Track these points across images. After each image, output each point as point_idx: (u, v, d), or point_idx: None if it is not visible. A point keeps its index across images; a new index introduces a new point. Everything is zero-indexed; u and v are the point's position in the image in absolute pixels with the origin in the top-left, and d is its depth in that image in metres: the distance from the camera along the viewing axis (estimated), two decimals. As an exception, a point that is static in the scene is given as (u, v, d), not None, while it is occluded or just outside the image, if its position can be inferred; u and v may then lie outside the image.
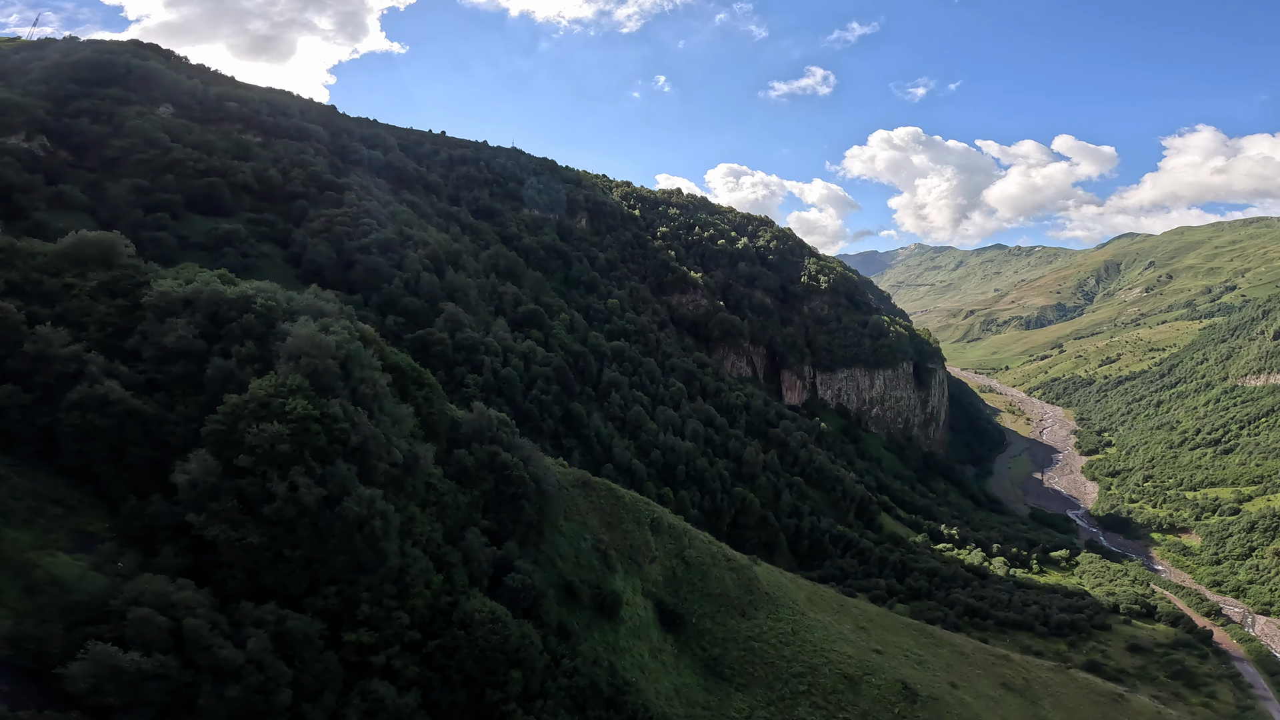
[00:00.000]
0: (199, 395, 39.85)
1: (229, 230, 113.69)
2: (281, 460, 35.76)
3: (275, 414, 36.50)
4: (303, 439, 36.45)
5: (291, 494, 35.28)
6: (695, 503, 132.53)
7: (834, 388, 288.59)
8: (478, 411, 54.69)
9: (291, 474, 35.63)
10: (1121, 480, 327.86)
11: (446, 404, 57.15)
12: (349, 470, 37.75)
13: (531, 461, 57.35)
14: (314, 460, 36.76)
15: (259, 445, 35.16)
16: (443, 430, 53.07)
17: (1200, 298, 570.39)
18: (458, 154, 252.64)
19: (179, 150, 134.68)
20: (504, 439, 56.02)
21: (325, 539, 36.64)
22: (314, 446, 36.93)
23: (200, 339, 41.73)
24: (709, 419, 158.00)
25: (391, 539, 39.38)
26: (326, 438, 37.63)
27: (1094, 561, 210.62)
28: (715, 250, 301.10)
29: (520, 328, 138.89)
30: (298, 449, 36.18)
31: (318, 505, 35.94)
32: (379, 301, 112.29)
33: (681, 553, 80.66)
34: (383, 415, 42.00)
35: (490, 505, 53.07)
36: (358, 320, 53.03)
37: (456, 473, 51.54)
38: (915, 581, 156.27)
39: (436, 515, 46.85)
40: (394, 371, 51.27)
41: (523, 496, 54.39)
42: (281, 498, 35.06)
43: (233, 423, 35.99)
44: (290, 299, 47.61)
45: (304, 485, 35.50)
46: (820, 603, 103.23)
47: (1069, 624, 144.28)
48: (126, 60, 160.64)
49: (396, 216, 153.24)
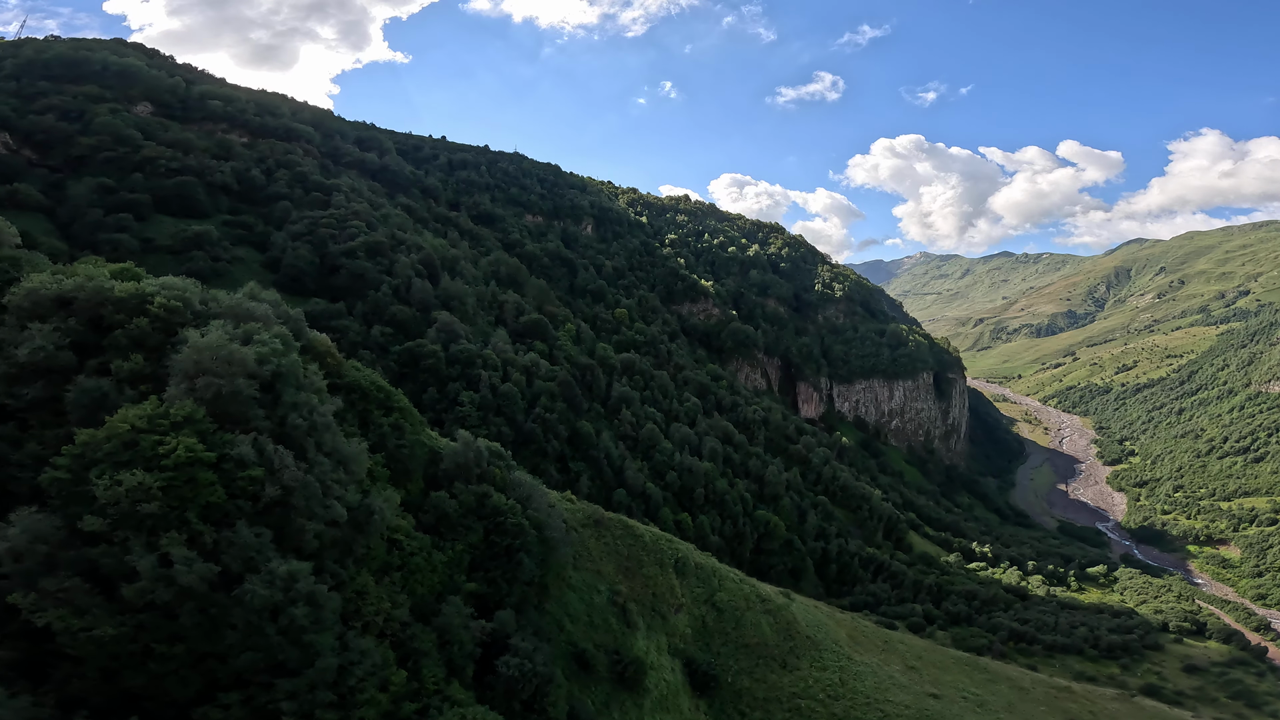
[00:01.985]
0: (63, 427, 28.17)
1: (199, 232, 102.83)
2: (150, 523, 24.10)
3: (144, 457, 24.82)
4: (184, 493, 24.82)
5: (162, 570, 23.64)
6: (716, 528, 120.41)
7: (852, 399, 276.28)
8: (462, 442, 42.93)
9: (164, 542, 23.97)
10: (1150, 491, 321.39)
11: (425, 432, 45.42)
12: (258, 536, 26.01)
13: (532, 503, 45.55)
14: (202, 522, 25.06)
15: (113, 502, 23.49)
16: (417, 468, 41.35)
17: (1214, 303, 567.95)
18: (458, 158, 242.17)
19: (151, 148, 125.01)
20: (496, 476, 44.28)
21: (221, 631, 24.99)
22: (204, 503, 25.23)
23: (71, 350, 30.07)
24: (727, 436, 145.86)
25: (326, 628, 27.56)
26: (226, 491, 25.92)
27: (1134, 577, 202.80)
28: (725, 258, 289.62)
29: (522, 339, 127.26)
30: (175, 507, 24.52)
31: (206, 586, 24.29)
32: (365, 310, 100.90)
33: (711, 597, 68.64)
34: (320, 457, 30.20)
35: (479, 562, 41.28)
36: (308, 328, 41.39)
37: (434, 522, 39.80)
38: (953, 606, 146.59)
39: (402, 583, 35.03)
40: (352, 393, 39.65)
41: (521, 549, 42.58)
42: (147, 576, 23.46)
43: (81, 469, 24.35)
44: (211, 299, 35.97)
45: (181, 559, 23.83)
46: (864, 641, 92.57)
47: (1120, 645, 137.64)
48: (103, 57, 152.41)
49: (389, 220, 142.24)
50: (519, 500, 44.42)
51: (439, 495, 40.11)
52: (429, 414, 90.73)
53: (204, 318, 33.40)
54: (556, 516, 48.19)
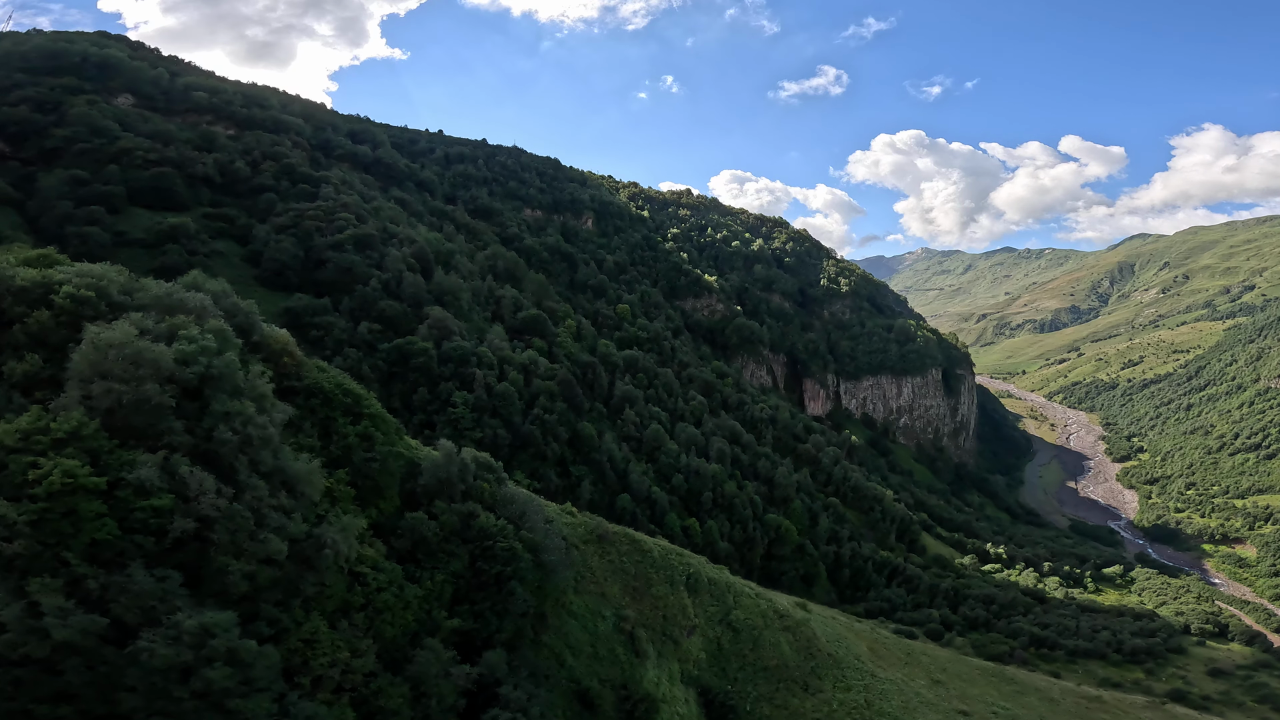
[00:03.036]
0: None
1: (175, 225, 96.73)
2: (18, 565, 18.28)
3: (11, 484, 18.94)
4: (61, 529, 18.95)
5: (32, 622, 17.88)
6: (725, 534, 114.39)
7: (859, 397, 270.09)
8: (444, 453, 36.93)
9: (31, 588, 18.16)
10: (1162, 488, 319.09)
11: (402, 441, 39.43)
12: (162, 580, 20.14)
13: (526, 521, 39.59)
14: (87, 564, 19.21)
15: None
16: (391, 484, 35.36)
17: (1219, 298, 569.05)
18: (455, 152, 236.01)
19: (128, 140, 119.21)
20: (484, 491, 38.32)
21: (116, 692, 19.23)
22: (88, 540, 19.36)
23: (-52, 349, 24.17)
24: (734, 436, 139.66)
25: (259, 689, 21.71)
26: (119, 525, 20.01)
27: (1151, 577, 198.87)
28: (729, 252, 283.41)
29: (520, 335, 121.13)
30: (49, 546, 18.66)
31: (95, 639, 18.52)
32: (352, 306, 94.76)
33: (726, 616, 62.67)
34: (255, 479, 24.22)
35: (464, 594, 35.38)
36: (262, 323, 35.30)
37: (409, 549, 33.83)
38: (971, 610, 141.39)
39: (366, 626, 29.11)
40: (313, 398, 33.64)
41: (514, 576, 36.61)
42: (14, 628, 17.74)
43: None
44: (138, 288, 29.97)
45: (53, 609, 18.05)
46: (886, 654, 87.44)
47: (1144, 650, 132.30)
48: (83, 48, 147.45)
49: (380, 213, 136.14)
50: (511, 519, 38.45)
51: (415, 517, 34.11)
52: (419, 416, 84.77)
53: (121, 310, 27.40)
54: (555, 536, 42.21)
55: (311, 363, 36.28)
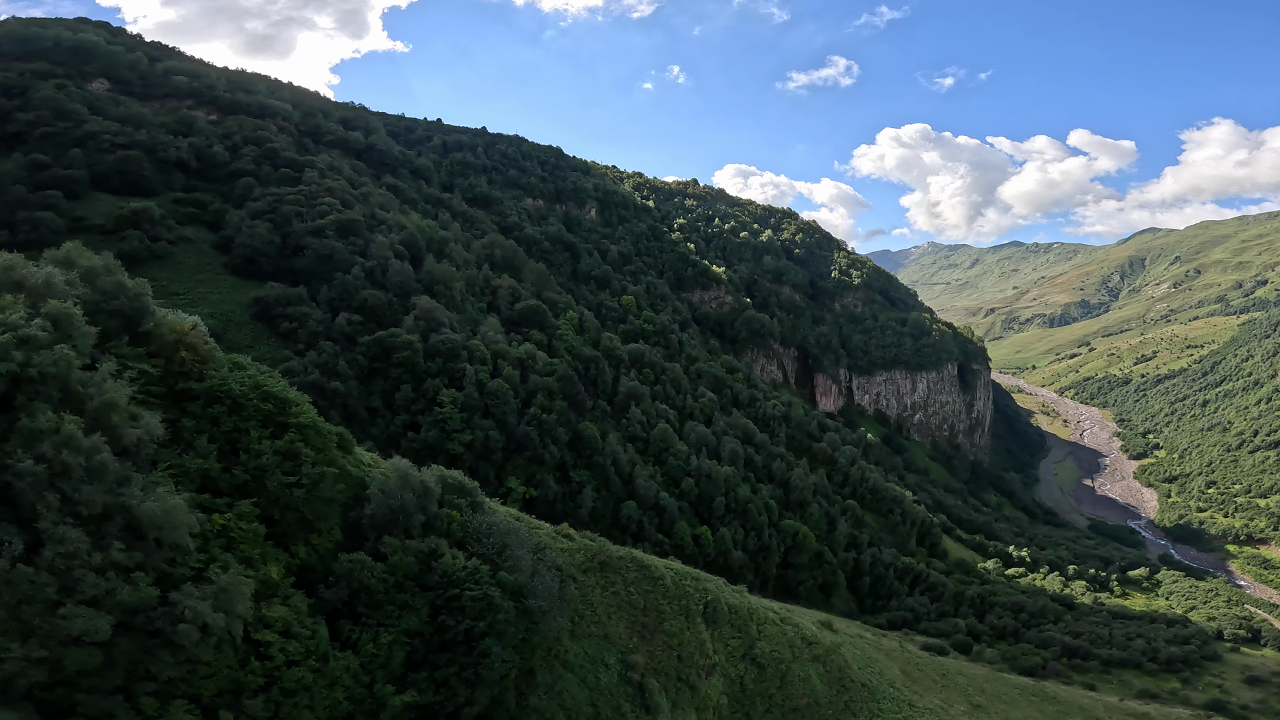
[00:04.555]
0: None
1: (138, 210, 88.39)
2: None
3: None
4: None
5: None
6: (738, 542, 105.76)
7: (872, 392, 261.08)
8: (397, 475, 28.41)
9: None
10: (1181, 486, 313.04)
11: (349, 458, 30.93)
12: None
13: (509, 555, 31.13)
14: None
15: None
16: (326, 515, 26.90)
17: (1232, 292, 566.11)
18: (453, 140, 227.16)
19: (96, 124, 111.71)
20: (452, 522, 29.82)
21: None
22: None
23: None
24: (747, 435, 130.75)
25: None
26: None
27: (1178, 580, 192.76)
28: (737, 243, 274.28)
29: (518, 328, 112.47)
30: None
31: None
32: (331, 296, 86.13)
33: (750, 650, 54.23)
34: (66, 530, 15.81)
35: (423, 657, 26.97)
36: (158, 308, 26.86)
37: (346, 600, 25.41)
38: (999, 619, 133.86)
39: (269, 716, 20.67)
40: (216, 404, 25.15)
41: (489, 632, 28.19)
42: None
43: None
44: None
45: None
46: (919, 676, 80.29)
47: (1180, 658, 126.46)
48: (56, 33, 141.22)
49: (369, 199, 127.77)
50: (487, 556, 30.01)
51: (353, 559, 25.70)
52: (402, 416, 76.27)
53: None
54: (546, 573, 33.77)
55: (224, 358, 27.84)
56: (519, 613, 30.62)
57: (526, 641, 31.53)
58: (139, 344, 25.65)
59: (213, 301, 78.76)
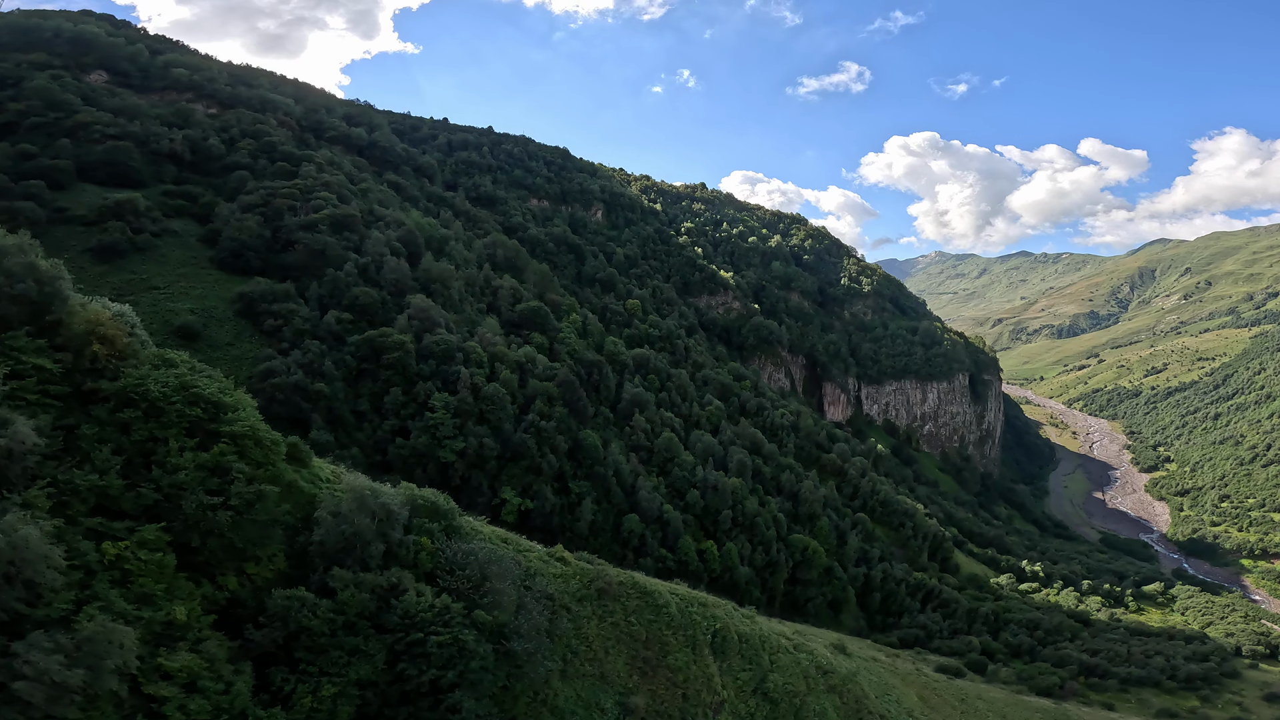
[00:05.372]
0: None
1: (121, 201, 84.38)
2: None
3: None
4: None
5: None
6: (745, 557, 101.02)
7: (881, 402, 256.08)
8: (351, 496, 23.83)
9: None
10: (1194, 500, 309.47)
11: (302, 473, 26.45)
12: None
13: (488, 589, 26.55)
14: None
15: None
16: (263, 541, 22.39)
17: (1243, 304, 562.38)
18: (459, 139, 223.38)
19: (88, 114, 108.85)
20: (420, 551, 25.30)
21: None
22: None
23: None
24: (755, 445, 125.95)
25: None
26: None
27: (1193, 595, 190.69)
28: (745, 248, 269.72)
29: (518, 330, 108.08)
30: None
31: None
32: (321, 293, 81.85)
33: (762, 683, 49.28)
34: None
35: (376, 712, 22.45)
36: (76, 293, 22.51)
37: (282, 644, 20.91)
38: (1013, 637, 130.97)
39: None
40: (128, 408, 20.73)
41: (460, 682, 23.65)
42: None
43: None
44: None
45: None
46: (938, 702, 76.12)
47: (1199, 675, 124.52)
48: (56, 24, 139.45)
49: (368, 195, 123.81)
50: (462, 592, 25.47)
51: (290, 596, 21.20)
52: (391, 421, 71.82)
53: None
54: (533, 608, 29.25)
55: (152, 354, 23.43)
56: (499, 656, 26.10)
57: (508, 690, 26.99)
58: (46, 335, 21.36)
59: (194, 296, 74.63)
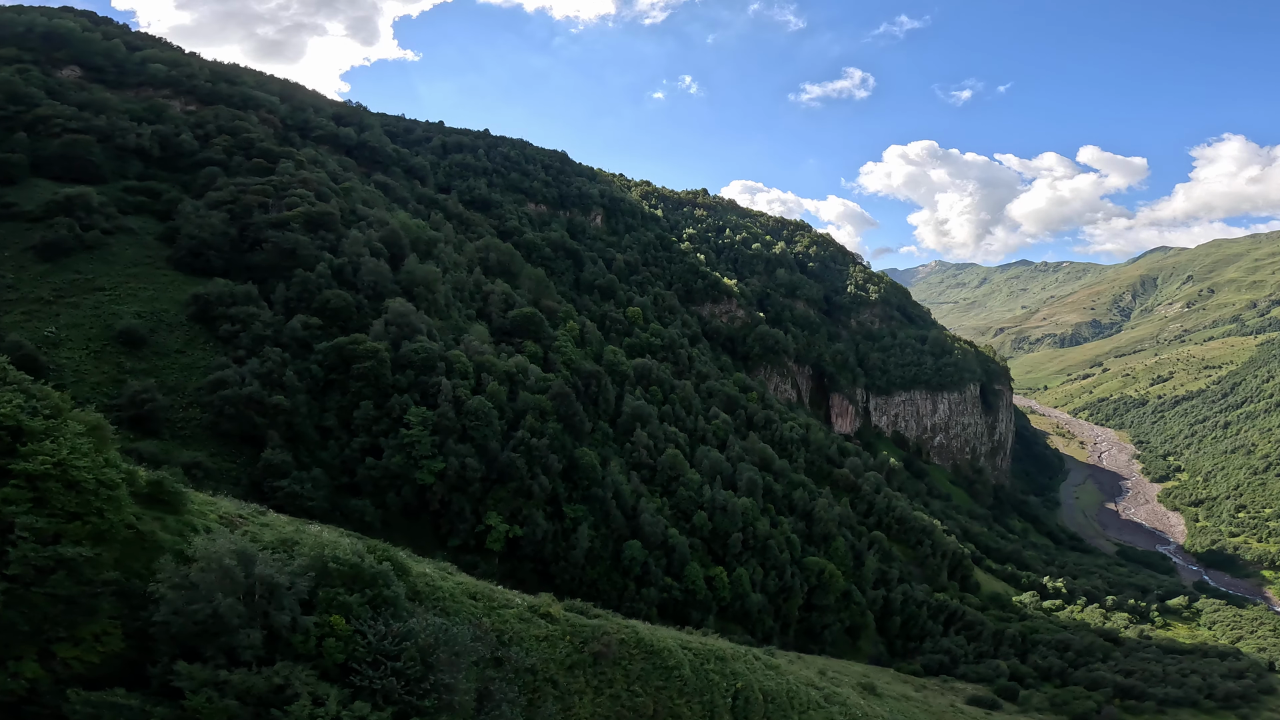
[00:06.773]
0: None
1: (72, 196, 76.65)
2: None
3: None
4: None
5: None
6: (758, 583, 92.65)
7: (890, 413, 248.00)
8: (211, 561, 15.78)
9: None
10: (1209, 510, 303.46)
11: (161, 520, 18.41)
12: None
13: (436, 684, 18.42)
14: None
15: None
16: (96, 610, 14.25)
17: (1247, 312, 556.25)
18: (454, 141, 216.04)
19: (49, 107, 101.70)
20: (322, 639, 17.18)
21: None
22: None
23: None
24: (765, 461, 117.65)
25: None
26: None
27: (1219, 609, 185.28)
28: (749, 255, 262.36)
29: (510, 337, 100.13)
30: None
31: None
32: (288, 295, 73.93)
33: (790, 754, 41.17)
34: None
35: None
36: None
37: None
38: (1043, 659, 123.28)
39: None
40: None
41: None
42: None
43: None
44: None
45: None
46: None
47: (1237, 693, 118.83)
48: (30, 19, 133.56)
49: (352, 194, 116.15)
50: (389, 693, 17.43)
51: (98, 703, 13.21)
52: (361, 438, 63.64)
53: None
54: (503, 699, 21.15)
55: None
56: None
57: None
58: None
59: (144, 299, 66.68)
